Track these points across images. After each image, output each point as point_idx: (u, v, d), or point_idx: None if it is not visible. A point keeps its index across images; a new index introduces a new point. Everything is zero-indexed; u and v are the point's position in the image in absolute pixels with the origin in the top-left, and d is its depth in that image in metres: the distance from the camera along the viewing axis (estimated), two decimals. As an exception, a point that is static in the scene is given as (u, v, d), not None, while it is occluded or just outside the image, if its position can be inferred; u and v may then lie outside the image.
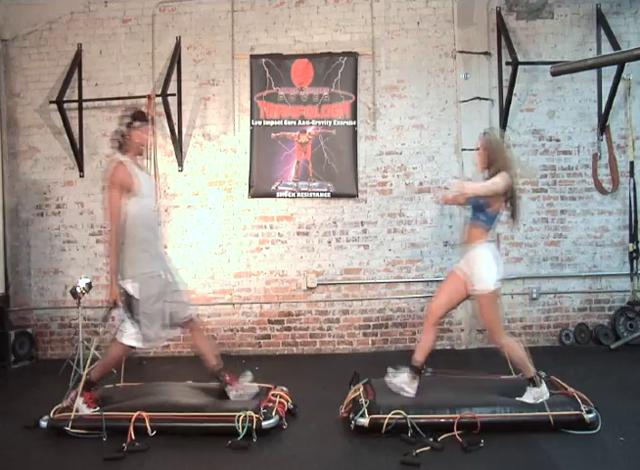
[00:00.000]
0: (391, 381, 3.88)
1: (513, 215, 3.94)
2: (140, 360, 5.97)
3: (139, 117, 4.02)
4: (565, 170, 6.19)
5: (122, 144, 3.97)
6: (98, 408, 3.81)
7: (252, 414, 3.57)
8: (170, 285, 3.97)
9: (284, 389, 4.22)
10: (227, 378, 4.02)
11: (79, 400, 3.80)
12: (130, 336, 3.84)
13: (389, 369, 3.93)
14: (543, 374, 3.86)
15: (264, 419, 3.59)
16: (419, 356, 3.92)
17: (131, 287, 3.78)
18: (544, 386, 3.75)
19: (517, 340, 3.86)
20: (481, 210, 3.84)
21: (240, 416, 3.55)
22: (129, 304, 3.81)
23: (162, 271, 3.94)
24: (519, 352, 3.77)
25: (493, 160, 3.86)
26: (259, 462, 3.30)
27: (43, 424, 3.70)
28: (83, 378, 3.85)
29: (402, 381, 3.87)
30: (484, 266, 3.77)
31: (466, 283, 3.84)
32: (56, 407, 3.79)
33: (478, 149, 4.00)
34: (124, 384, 4.44)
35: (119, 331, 3.91)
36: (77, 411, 3.72)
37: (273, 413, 3.69)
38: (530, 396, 3.72)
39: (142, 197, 3.90)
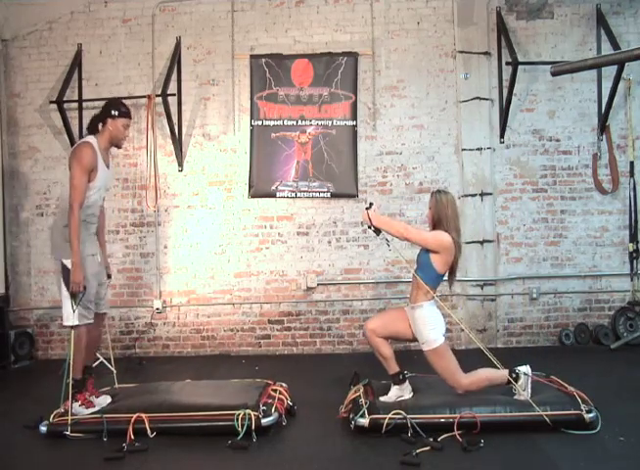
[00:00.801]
0: (388, 399, 3.82)
1: (450, 277, 3.96)
2: (140, 360, 5.97)
3: (121, 108, 4.00)
4: (565, 170, 6.19)
5: (97, 129, 3.96)
6: (97, 408, 3.81)
7: (252, 412, 3.57)
8: (102, 274, 4.11)
9: (283, 385, 4.22)
10: (86, 388, 3.93)
11: (76, 405, 3.80)
12: (71, 315, 3.81)
13: (380, 398, 3.85)
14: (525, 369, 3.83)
15: (263, 417, 3.59)
16: (391, 368, 3.91)
17: (68, 263, 3.80)
18: (524, 377, 3.75)
19: (470, 374, 3.82)
20: (423, 267, 3.86)
21: (239, 415, 3.55)
22: (65, 279, 3.83)
23: (99, 256, 4.07)
24: (483, 380, 3.79)
25: (439, 220, 3.86)
26: (259, 462, 3.30)
27: (43, 429, 3.69)
28: (70, 386, 3.82)
29: (394, 394, 3.85)
30: (428, 328, 3.80)
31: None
32: (55, 412, 3.78)
33: (428, 208, 3.99)
34: (123, 385, 4.44)
35: (65, 318, 3.88)
36: (77, 416, 3.72)
37: (272, 410, 3.69)
38: (521, 390, 3.69)
39: (96, 188, 3.91)
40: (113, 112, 3.94)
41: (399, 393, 3.85)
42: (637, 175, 6.13)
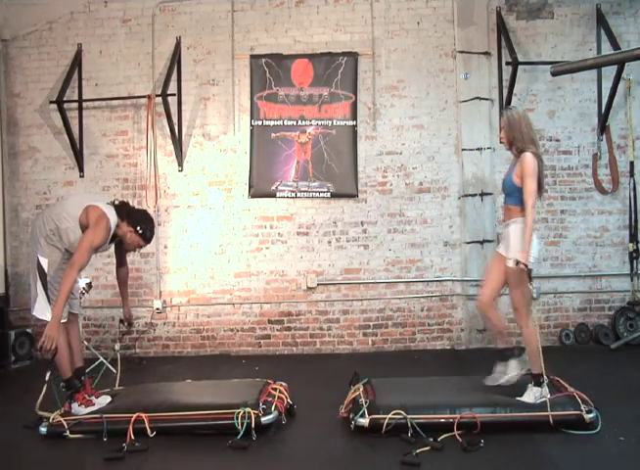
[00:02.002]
0: (527, 400, 3.73)
1: (539, 191, 3.87)
2: (140, 361, 5.97)
3: (147, 233, 4.02)
4: (565, 170, 6.19)
5: (123, 215, 3.97)
6: (97, 407, 3.82)
7: (251, 411, 3.57)
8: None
9: (283, 384, 4.22)
10: (84, 388, 3.95)
11: (74, 406, 3.81)
12: (46, 310, 3.81)
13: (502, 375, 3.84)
14: (546, 379, 3.85)
15: (263, 415, 3.59)
16: (506, 342, 3.96)
17: (44, 262, 3.83)
18: (546, 388, 3.75)
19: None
20: (513, 193, 3.83)
21: (239, 413, 3.55)
22: (41, 277, 3.84)
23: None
24: (535, 342, 3.77)
25: (514, 138, 3.83)
26: (259, 462, 3.30)
27: (42, 430, 3.68)
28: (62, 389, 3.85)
29: (536, 395, 3.72)
30: (520, 242, 3.72)
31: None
32: (55, 413, 3.77)
33: (501, 127, 3.97)
34: (123, 385, 4.44)
35: (37, 311, 3.88)
36: (78, 415, 3.73)
37: (272, 409, 3.69)
38: (531, 395, 3.71)
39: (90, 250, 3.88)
40: (140, 229, 3.97)
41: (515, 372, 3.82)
42: (637, 175, 6.13)
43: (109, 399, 3.98)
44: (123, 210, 4.01)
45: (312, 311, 6.27)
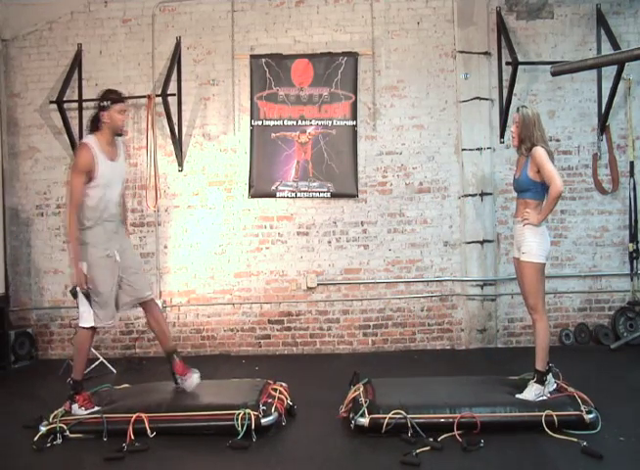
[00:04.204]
0: (527, 396, 3.74)
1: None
2: (140, 360, 5.97)
3: (110, 96, 4.00)
4: (565, 170, 6.18)
5: (97, 127, 3.97)
6: (97, 408, 3.82)
7: (251, 412, 3.57)
8: (126, 267, 4.02)
9: (283, 384, 4.22)
10: (176, 364, 4.02)
11: (74, 407, 3.82)
12: (85, 317, 3.87)
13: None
14: (552, 379, 3.86)
15: (263, 416, 3.59)
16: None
17: (84, 267, 3.84)
18: (547, 388, 3.75)
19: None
20: (529, 188, 3.93)
21: (239, 414, 3.55)
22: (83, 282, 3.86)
23: (116, 252, 3.97)
24: (546, 333, 3.88)
25: (526, 136, 3.90)
26: (259, 462, 3.30)
27: (42, 429, 3.68)
28: (68, 385, 3.88)
29: (537, 392, 3.74)
30: (534, 239, 3.90)
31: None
32: (55, 412, 3.78)
33: (513, 124, 4.04)
34: (123, 385, 4.44)
35: (79, 317, 3.94)
36: (78, 416, 3.74)
37: (272, 410, 3.70)
38: (532, 392, 3.72)
39: (100, 186, 3.89)
40: (103, 103, 3.95)
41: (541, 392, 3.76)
42: (637, 175, 6.13)
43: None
44: (91, 124, 4.00)
45: (312, 311, 6.27)
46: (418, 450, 3.25)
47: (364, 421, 3.54)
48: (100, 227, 3.92)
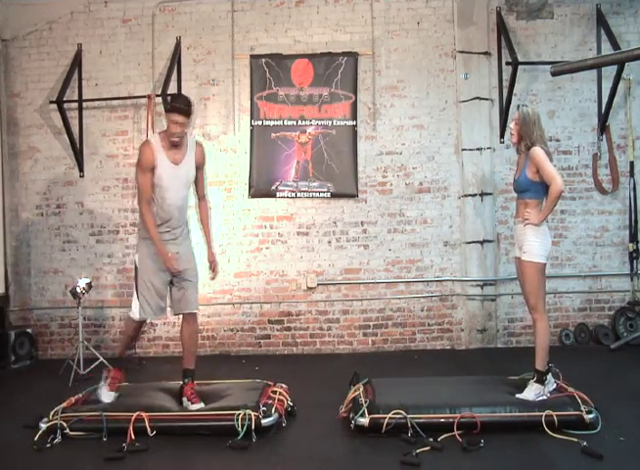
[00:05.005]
0: (527, 396, 3.75)
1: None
2: (140, 360, 5.97)
3: (171, 102, 3.95)
4: (565, 170, 6.18)
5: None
6: (114, 394, 4.00)
7: (252, 413, 3.57)
8: (181, 272, 4.02)
9: (283, 386, 4.22)
10: (187, 387, 3.96)
11: (102, 384, 4.02)
12: (133, 309, 4.02)
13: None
14: (552, 379, 3.86)
15: (263, 417, 3.60)
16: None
17: (137, 259, 4.00)
18: (547, 387, 3.75)
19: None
20: (529, 189, 3.95)
21: (239, 415, 3.55)
22: (135, 275, 4.02)
23: (171, 254, 3.99)
24: (546, 333, 3.89)
25: (525, 134, 3.92)
26: (259, 462, 3.30)
27: (42, 426, 3.69)
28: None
29: (537, 392, 3.74)
30: (536, 238, 3.96)
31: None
32: (55, 409, 3.79)
33: (513, 122, 4.06)
34: (124, 384, 4.44)
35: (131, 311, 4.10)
36: (98, 395, 3.97)
37: (272, 411, 3.70)
38: (532, 391, 3.72)
39: (157, 186, 3.92)
40: (166, 106, 3.94)
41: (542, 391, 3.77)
42: (637, 175, 6.13)
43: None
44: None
45: (312, 311, 6.27)
46: (418, 450, 3.26)
47: (364, 421, 3.54)
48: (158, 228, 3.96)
